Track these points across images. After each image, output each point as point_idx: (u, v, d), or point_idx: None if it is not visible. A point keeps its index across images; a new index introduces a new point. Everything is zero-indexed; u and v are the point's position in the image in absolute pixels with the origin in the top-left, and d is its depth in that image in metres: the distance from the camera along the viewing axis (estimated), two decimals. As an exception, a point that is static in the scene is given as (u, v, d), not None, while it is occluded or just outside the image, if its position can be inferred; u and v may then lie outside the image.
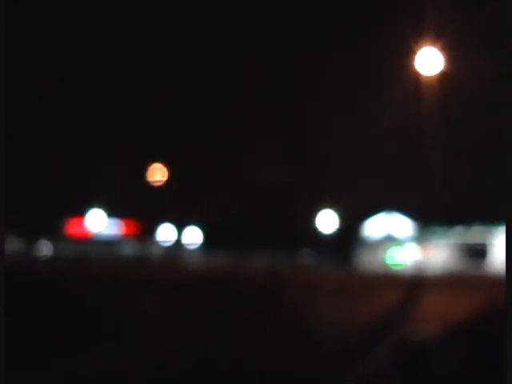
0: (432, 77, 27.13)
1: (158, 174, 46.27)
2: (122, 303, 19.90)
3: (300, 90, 37.31)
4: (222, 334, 14.62)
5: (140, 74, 39.26)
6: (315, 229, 46.94)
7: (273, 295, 23.46)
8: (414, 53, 25.86)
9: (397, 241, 46.49)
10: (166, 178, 46.05)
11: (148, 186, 45.81)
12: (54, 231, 49.33)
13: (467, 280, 30.80)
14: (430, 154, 31.65)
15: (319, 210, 47.01)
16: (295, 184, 43.73)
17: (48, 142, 42.69)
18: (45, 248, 49.48)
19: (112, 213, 49.86)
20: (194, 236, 51.71)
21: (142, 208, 46.80)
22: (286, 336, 14.28)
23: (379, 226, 47.28)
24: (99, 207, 49.22)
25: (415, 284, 27.88)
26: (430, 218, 40.48)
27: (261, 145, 39.62)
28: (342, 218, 46.95)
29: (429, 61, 26.80)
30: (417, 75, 26.48)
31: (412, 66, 26.26)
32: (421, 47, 26.15)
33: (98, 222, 50.15)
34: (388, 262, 45.92)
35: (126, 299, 21.07)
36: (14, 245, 47.96)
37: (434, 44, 26.62)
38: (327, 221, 47.25)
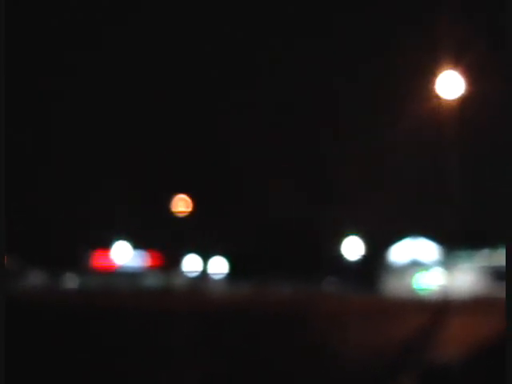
0: (453, 100, 27.05)
1: (182, 204, 46.34)
2: (147, 334, 19.88)
3: (318, 114, 37.29)
4: (247, 361, 14.56)
5: (160, 104, 39.36)
6: (340, 255, 46.80)
7: (298, 322, 23.38)
8: (435, 76, 25.81)
9: (422, 265, 46.21)
10: (190, 209, 46.12)
11: (172, 217, 45.89)
12: (78, 264, 49.40)
13: (493, 303, 30.48)
14: (452, 178, 31.51)
15: (344, 236, 46.88)
16: (319, 211, 43.64)
17: (73, 175, 42.91)
18: (69, 281, 49.56)
19: (137, 245, 49.93)
20: (219, 266, 51.66)
21: (166, 239, 46.84)
22: (311, 362, 14.20)
23: (404, 251, 47.05)
24: (124, 239, 49.32)
25: (441, 308, 27.68)
26: (455, 242, 40.24)
27: (282, 171, 39.63)
28: (367, 244, 46.78)
29: (449, 84, 26.72)
30: (437, 99, 26.43)
31: (433, 89, 26.21)
32: (441, 71, 26.10)
33: (123, 254, 50.22)
34: (414, 286, 45.63)
35: (150, 330, 21.05)
36: (38, 278, 48.07)
37: (454, 67, 26.57)
38: (352, 247, 47.09)
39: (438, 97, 26.11)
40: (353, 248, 47.00)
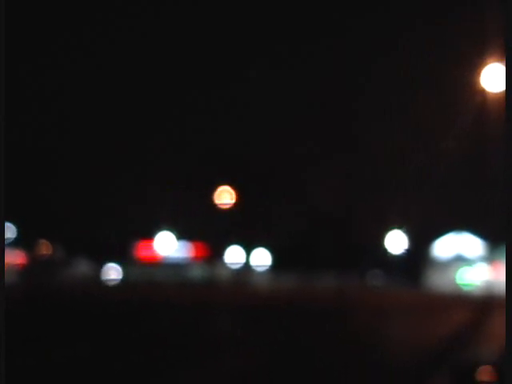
0: (498, 93, 26.76)
1: (225, 196, 46.44)
2: (191, 327, 19.99)
3: (363, 111, 37.10)
4: (289, 353, 14.59)
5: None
6: (384, 250, 46.60)
7: (340, 316, 23.38)
8: (480, 69, 25.53)
9: (467, 261, 45.88)
10: (234, 201, 46.21)
11: (216, 209, 46.00)
12: (123, 254, 49.74)
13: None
14: (497, 173, 31.18)
15: (388, 230, 46.67)
16: (363, 205, 43.51)
17: (118, 166, 43.20)
18: (114, 271, 49.97)
19: (181, 236, 50.12)
20: (262, 258, 51.74)
21: (210, 231, 46.99)
22: (351, 355, 14.21)
23: (449, 245, 46.74)
24: (168, 230, 49.53)
25: (485, 304, 27.49)
26: (500, 237, 39.87)
27: (327, 165, 39.51)
28: (411, 238, 46.52)
29: (495, 77, 26.42)
30: (482, 92, 26.14)
31: (477, 82, 25.92)
32: (487, 63, 25.82)
33: (167, 245, 50.45)
34: (458, 282, 45.35)
35: (194, 322, 21.17)
36: (83, 267, 48.59)
37: (501, 60, 26.28)
38: (396, 241, 46.86)
39: (483, 90, 25.80)
40: (397, 242, 46.78)
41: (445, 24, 28.22)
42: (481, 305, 27.69)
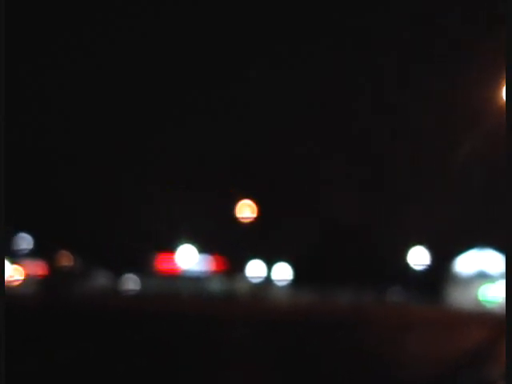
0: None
1: (247, 210, 46.40)
2: (207, 339, 19.90)
3: (383, 126, 36.93)
4: (305, 368, 14.47)
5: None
6: (405, 265, 46.36)
7: (357, 330, 23.24)
8: (501, 84, 25.35)
9: (489, 277, 45.50)
10: (255, 215, 46.14)
11: (237, 223, 45.98)
12: (142, 266, 49.71)
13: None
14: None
15: (409, 246, 46.44)
16: (385, 220, 43.34)
17: (140, 177, 43.28)
18: (131, 283, 49.93)
19: (202, 249, 50.08)
20: (284, 272, 51.57)
21: (231, 244, 46.96)
22: (366, 370, 14.07)
23: (471, 262, 46.39)
24: (190, 243, 49.52)
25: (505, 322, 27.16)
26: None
27: (349, 178, 39.38)
28: (433, 253, 46.25)
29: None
30: (503, 107, 25.95)
31: (499, 98, 25.74)
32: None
33: (188, 259, 50.40)
34: (480, 299, 44.96)
35: (211, 335, 21.07)
36: (103, 279, 48.59)
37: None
38: (418, 257, 46.61)
39: (503, 107, 25.62)
40: (418, 258, 46.52)
41: (463, 41, 28.10)
42: (502, 322, 27.36)
